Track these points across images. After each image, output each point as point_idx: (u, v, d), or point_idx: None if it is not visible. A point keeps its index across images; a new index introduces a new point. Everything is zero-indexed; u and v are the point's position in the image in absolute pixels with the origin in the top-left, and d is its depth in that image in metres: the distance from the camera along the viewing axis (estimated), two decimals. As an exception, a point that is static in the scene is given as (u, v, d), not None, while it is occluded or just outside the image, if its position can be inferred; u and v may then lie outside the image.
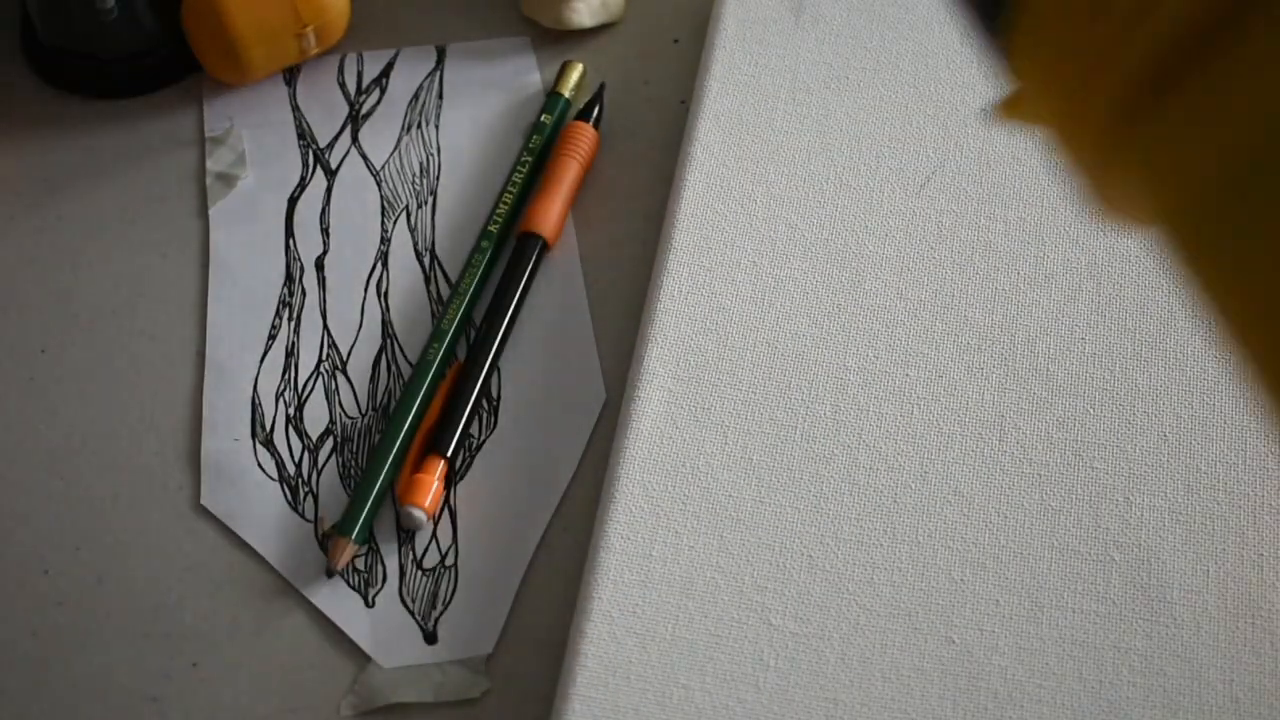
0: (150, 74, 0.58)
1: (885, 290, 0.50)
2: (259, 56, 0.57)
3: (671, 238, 0.52)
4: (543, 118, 0.57)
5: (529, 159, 0.56)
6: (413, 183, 0.56)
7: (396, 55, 0.60)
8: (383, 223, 0.55)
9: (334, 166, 0.57)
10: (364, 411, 0.51)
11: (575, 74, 0.58)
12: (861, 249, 0.51)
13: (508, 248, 0.54)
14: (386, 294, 0.53)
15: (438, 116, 0.58)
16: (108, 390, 0.51)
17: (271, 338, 0.52)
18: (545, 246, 0.53)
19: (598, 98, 0.57)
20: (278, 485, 0.49)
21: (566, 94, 0.57)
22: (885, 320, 0.50)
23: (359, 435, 0.50)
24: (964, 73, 0.55)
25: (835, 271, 0.51)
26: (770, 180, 0.53)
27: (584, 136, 0.56)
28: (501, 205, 0.54)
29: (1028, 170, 0.53)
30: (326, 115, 0.58)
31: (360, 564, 0.47)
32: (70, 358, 0.52)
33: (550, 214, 0.54)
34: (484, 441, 0.50)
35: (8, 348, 0.52)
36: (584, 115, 0.57)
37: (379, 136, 0.57)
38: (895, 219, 0.52)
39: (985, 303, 0.50)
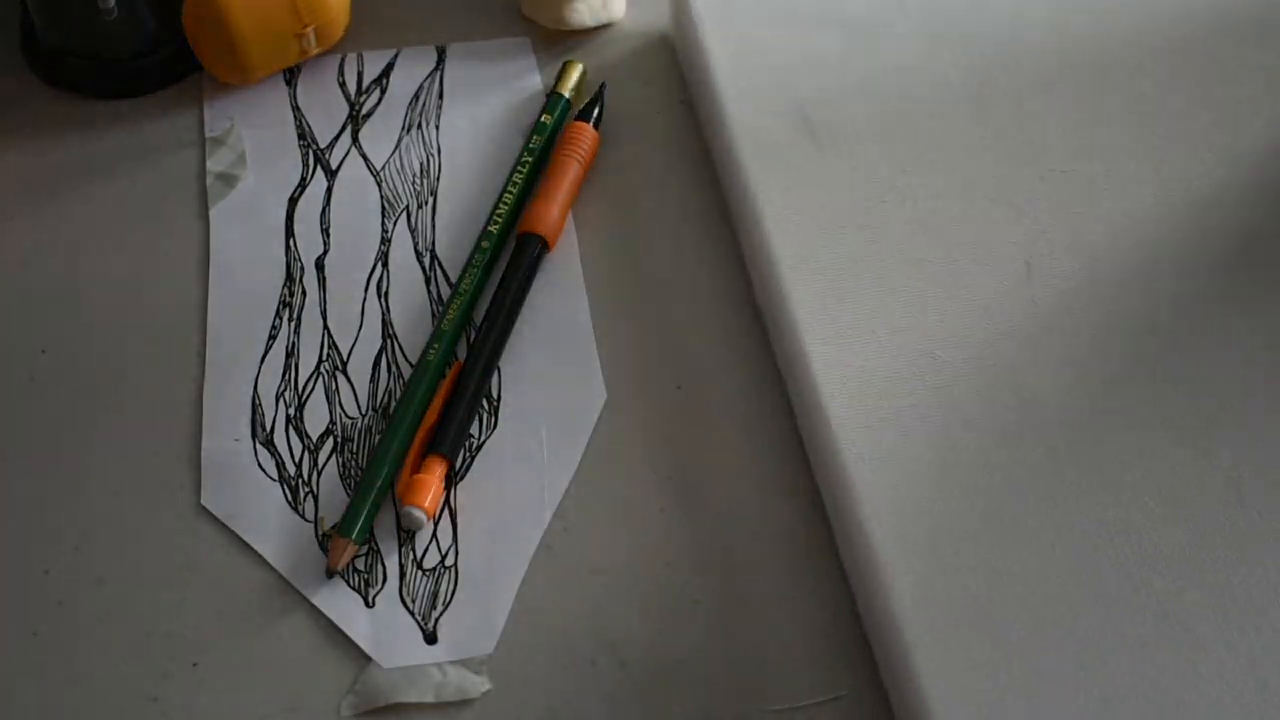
0: (150, 74, 0.58)
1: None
2: (259, 56, 0.57)
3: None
4: (543, 118, 0.57)
5: (529, 159, 0.56)
6: (413, 183, 0.56)
7: (396, 55, 0.60)
8: (383, 223, 0.55)
9: (334, 167, 0.57)
10: (364, 411, 0.51)
11: (575, 74, 0.58)
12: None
13: (508, 248, 0.54)
14: (387, 294, 0.53)
15: (438, 116, 0.58)
16: (108, 390, 0.51)
17: (272, 338, 0.52)
18: (545, 246, 0.53)
19: (598, 98, 0.57)
20: (278, 485, 0.49)
21: (566, 94, 0.58)
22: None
23: (359, 435, 0.50)
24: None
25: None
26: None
27: (584, 136, 0.56)
28: (501, 205, 0.54)
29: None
30: (326, 115, 0.58)
31: (360, 564, 0.47)
32: (70, 358, 0.52)
33: (550, 214, 0.54)
34: (484, 441, 0.50)
35: (8, 348, 0.52)
36: (584, 115, 0.57)
37: (379, 137, 0.58)
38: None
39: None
